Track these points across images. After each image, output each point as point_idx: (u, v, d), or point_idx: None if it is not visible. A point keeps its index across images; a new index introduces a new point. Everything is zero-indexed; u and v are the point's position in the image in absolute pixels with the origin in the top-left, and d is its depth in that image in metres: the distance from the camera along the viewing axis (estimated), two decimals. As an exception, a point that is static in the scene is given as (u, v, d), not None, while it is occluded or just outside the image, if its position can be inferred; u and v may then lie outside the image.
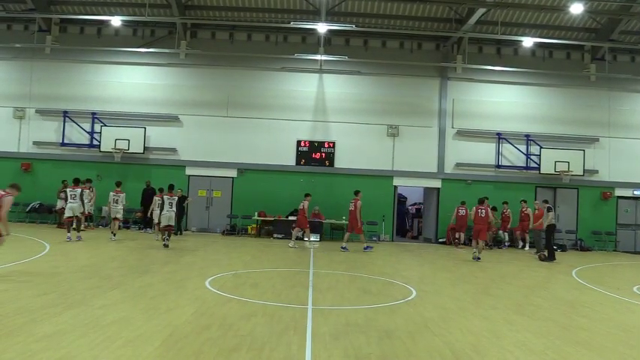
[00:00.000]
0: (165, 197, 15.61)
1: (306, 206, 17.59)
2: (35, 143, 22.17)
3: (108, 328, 6.16)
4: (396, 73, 22.46)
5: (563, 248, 20.96)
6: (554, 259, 16.42)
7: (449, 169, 22.45)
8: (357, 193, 17.39)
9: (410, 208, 26.18)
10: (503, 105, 22.64)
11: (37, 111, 22.30)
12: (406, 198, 25.93)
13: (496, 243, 20.96)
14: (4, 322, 6.14)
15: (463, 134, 22.50)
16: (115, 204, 16.85)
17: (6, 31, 22.81)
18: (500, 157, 22.49)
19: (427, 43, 23.01)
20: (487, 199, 17.35)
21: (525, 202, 20.56)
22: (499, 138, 22.48)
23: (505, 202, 21.02)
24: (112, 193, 17.09)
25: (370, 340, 6.23)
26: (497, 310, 8.42)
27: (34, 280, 8.94)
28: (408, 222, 25.96)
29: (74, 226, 15.70)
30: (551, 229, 17.20)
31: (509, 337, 6.64)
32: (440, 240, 21.87)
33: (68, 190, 16.10)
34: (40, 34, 22.07)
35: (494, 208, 19.58)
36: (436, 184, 22.50)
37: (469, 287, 10.75)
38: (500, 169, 22.46)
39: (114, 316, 6.78)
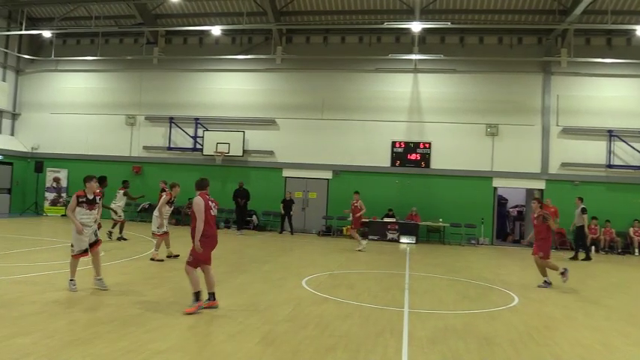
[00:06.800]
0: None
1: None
2: (145, 148, 23.83)
3: (211, 323, 6.43)
4: (495, 70, 21.59)
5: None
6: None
7: (553, 169, 21.21)
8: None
9: (511, 210, 25.05)
10: (614, 100, 20.99)
11: (146, 118, 23.96)
12: (507, 200, 24.83)
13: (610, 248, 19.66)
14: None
15: (569, 132, 21.15)
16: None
17: (118, 44, 24.73)
18: (611, 155, 20.89)
19: (528, 37, 21.89)
20: None
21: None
22: (610, 135, 20.87)
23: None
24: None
25: (469, 346, 6.02)
26: (609, 320, 7.82)
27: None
28: (508, 225, 24.85)
29: None
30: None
31: (623, 351, 6.13)
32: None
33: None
34: (148, 46, 23.73)
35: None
36: (539, 185, 21.33)
37: (578, 296, 10.07)
38: (612, 169, 20.85)
39: (216, 311, 7.07)
